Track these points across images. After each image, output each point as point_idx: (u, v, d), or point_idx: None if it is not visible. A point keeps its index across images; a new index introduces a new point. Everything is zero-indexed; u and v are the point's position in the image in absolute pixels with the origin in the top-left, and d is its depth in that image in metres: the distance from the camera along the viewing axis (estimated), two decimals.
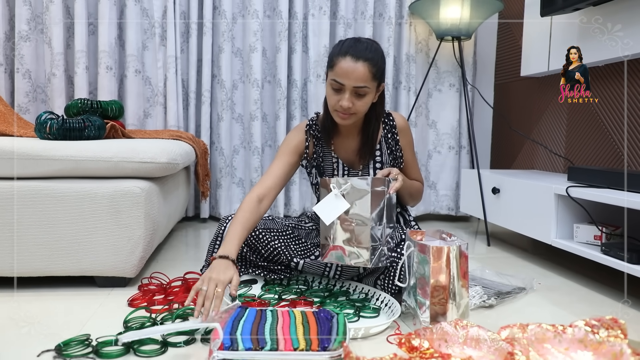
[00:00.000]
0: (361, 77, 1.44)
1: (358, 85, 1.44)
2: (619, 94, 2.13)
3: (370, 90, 1.47)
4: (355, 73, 1.43)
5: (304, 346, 1.07)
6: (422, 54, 3.02)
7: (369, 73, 1.44)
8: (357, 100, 1.47)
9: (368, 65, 1.44)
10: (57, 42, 2.53)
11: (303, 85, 2.90)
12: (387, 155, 1.66)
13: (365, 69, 1.43)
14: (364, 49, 1.45)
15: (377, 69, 1.47)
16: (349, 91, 1.45)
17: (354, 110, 1.48)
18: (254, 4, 2.74)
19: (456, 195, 3.07)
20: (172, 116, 2.69)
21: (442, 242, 1.35)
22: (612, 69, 2.16)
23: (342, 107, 1.47)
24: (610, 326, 1.03)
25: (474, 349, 1.06)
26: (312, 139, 1.65)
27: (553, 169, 2.61)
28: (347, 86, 1.45)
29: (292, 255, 1.61)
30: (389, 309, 1.41)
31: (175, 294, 1.53)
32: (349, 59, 1.43)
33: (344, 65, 1.44)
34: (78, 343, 1.14)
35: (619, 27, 1.91)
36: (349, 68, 1.43)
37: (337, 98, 1.48)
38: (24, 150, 1.50)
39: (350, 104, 1.46)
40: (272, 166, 1.61)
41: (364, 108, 1.51)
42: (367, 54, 1.45)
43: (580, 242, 1.79)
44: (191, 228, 2.70)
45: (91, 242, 1.54)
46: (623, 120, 2.11)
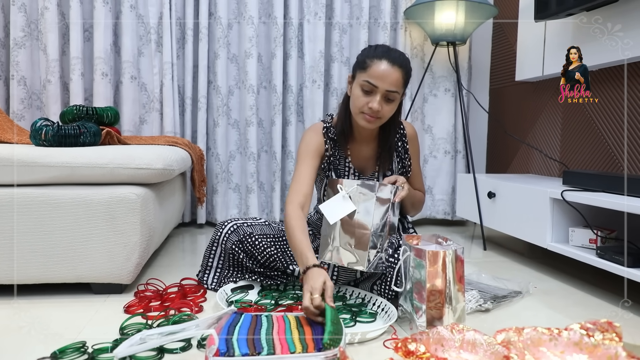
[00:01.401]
0: (395, 81, 1.45)
1: (391, 89, 1.46)
2: (612, 97, 2.14)
3: (398, 96, 1.50)
4: (390, 77, 1.45)
5: (301, 349, 1.07)
6: (417, 59, 3.03)
7: (402, 79, 1.47)
8: (386, 104, 1.49)
9: (402, 71, 1.47)
10: (52, 48, 2.53)
11: (299, 90, 2.91)
12: (397, 163, 1.67)
13: (399, 75, 1.46)
14: (398, 55, 1.48)
15: (408, 77, 1.51)
16: (380, 94, 1.46)
17: (381, 114, 1.49)
18: (250, 10, 2.75)
19: (452, 199, 3.08)
20: (168, 122, 2.69)
21: (438, 246, 1.35)
22: (606, 73, 2.17)
23: (371, 110, 1.47)
24: (606, 329, 1.04)
25: (470, 352, 1.06)
26: (330, 142, 1.64)
27: (548, 173, 2.62)
28: (380, 89, 1.46)
29: (288, 262, 1.62)
30: (386, 314, 1.41)
31: (171, 300, 1.53)
32: (386, 62, 1.45)
33: (381, 67, 1.45)
34: (74, 350, 1.14)
35: (618, 27, 1.92)
36: (385, 71, 1.44)
37: (367, 100, 1.48)
38: (20, 157, 1.49)
39: (380, 107, 1.47)
40: (301, 172, 1.57)
41: (390, 114, 1.52)
42: (402, 61, 1.48)
43: (576, 245, 1.80)
44: (188, 234, 2.69)
45: (87, 248, 1.54)
46: (617, 124, 2.12)
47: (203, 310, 1.48)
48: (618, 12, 1.94)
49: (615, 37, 1.95)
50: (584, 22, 2.06)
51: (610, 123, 2.16)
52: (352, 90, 1.52)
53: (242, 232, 1.65)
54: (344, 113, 1.61)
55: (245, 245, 1.63)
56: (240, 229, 1.67)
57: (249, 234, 1.64)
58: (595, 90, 2.23)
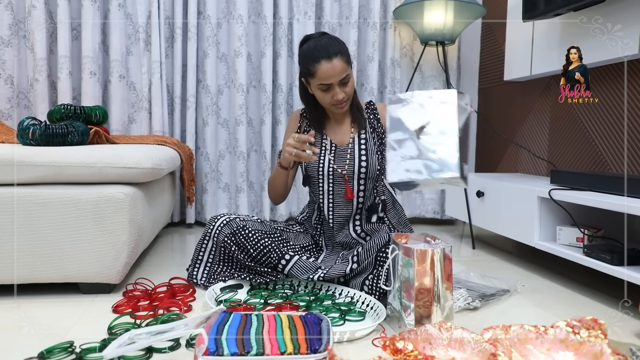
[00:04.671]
0: (340, 70, 1.60)
1: (341, 77, 1.60)
2: (600, 97, 2.16)
3: (350, 73, 1.64)
4: (335, 70, 1.59)
5: (292, 349, 1.07)
6: (406, 58, 3.04)
7: (344, 62, 1.61)
8: (345, 87, 1.64)
9: (340, 57, 1.60)
10: (39, 47, 2.51)
11: (288, 90, 2.90)
12: (370, 133, 1.77)
13: (340, 62, 1.59)
14: (328, 44, 1.60)
15: (347, 55, 1.63)
16: (337, 85, 1.62)
17: (347, 97, 1.65)
18: (239, 9, 2.75)
19: (441, 199, 3.09)
20: (157, 121, 2.68)
21: (427, 245, 1.36)
22: (593, 73, 2.19)
23: (338, 100, 1.64)
24: (591, 326, 1.05)
25: (457, 350, 1.07)
26: (305, 120, 1.82)
27: (536, 172, 2.64)
28: (334, 83, 1.61)
29: (281, 253, 1.63)
30: (375, 312, 1.41)
31: (160, 300, 1.52)
32: (324, 62, 1.58)
33: (323, 68, 1.58)
34: (61, 350, 1.13)
35: (619, 27, 1.93)
36: (328, 69, 1.58)
37: (330, 95, 1.64)
38: (6, 157, 1.48)
39: (343, 94, 1.63)
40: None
41: (352, 89, 1.69)
42: (334, 49, 1.59)
43: (563, 244, 1.82)
44: (177, 233, 2.69)
45: (75, 248, 1.53)
46: (604, 123, 2.14)
47: (192, 310, 1.48)
48: (606, 12, 1.96)
49: (606, 34, 1.97)
50: (584, 22, 2.07)
51: (597, 122, 2.18)
52: (314, 92, 1.68)
53: (235, 225, 1.66)
54: (312, 105, 1.76)
55: (238, 238, 1.64)
56: (233, 222, 1.68)
57: (242, 227, 1.65)
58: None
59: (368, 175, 1.72)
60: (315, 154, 1.72)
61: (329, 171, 1.74)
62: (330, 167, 1.74)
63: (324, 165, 1.74)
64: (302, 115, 1.82)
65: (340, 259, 1.67)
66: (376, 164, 1.74)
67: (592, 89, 2.19)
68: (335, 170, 1.74)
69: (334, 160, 1.74)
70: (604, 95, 2.14)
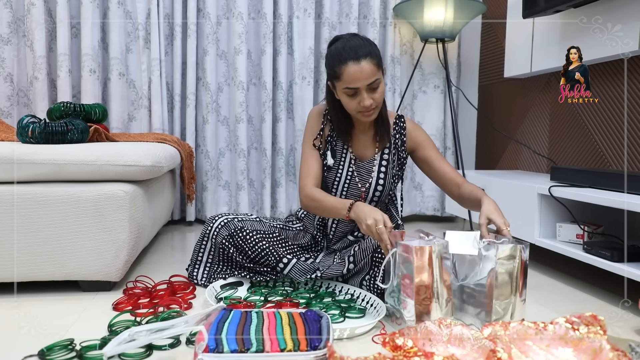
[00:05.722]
0: (369, 73, 1.46)
1: (370, 81, 1.47)
2: (599, 95, 2.16)
3: (380, 79, 1.51)
4: (363, 73, 1.46)
5: (292, 347, 1.07)
6: (406, 55, 3.04)
7: (374, 66, 1.47)
8: (374, 93, 1.51)
9: (370, 59, 1.47)
10: (39, 45, 2.51)
11: (288, 87, 2.90)
12: (394, 155, 1.69)
13: (369, 64, 1.46)
14: (358, 46, 1.48)
15: (378, 58, 1.50)
16: (364, 90, 1.48)
17: (375, 104, 1.52)
18: (239, 6, 2.74)
19: (442, 195, 3.09)
20: (157, 119, 2.68)
21: (422, 241, 1.36)
22: (592, 70, 2.19)
23: (365, 107, 1.50)
24: (590, 323, 1.05)
25: (457, 347, 1.07)
26: (329, 124, 1.69)
27: (536, 169, 2.64)
28: (362, 87, 1.48)
29: (279, 257, 1.61)
30: (375, 310, 1.41)
31: (160, 297, 1.52)
32: (352, 64, 1.46)
33: (350, 70, 1.46)
34: (61, 348, 1.13)
35: (619, 27, 1.92)
36: (356, 72, 1.46)
37: (357, 100, 1.51)
38: (6, 155, 1.48)
39: (371, 101, 1.50)
40: (308, 156, 1.65)
41: (382, 96, 1.55)
42: (364, 50, 1.47)
43: (563, 240, 1.82)
44: (177, 231, 2.69)
45: (75, 246, 1.53)
46: (604, 120, 2.14)
47: (192, 307, 1.48)
48: (605, 11, 1.96)
49: (606, 34, 1.96)
50: (584, 22, 2.07)
51: (597, 119, 2.18)
52: (340, 97, 1.55)
53: (233, 226, 1.66)
54: (339, 111, 1.63)
55: (236, 240, 1.63)
56: (231, 223, 1.67)
57: (239, 229, 1.64)
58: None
59: (380, 198, 1.69)
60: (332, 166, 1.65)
61: (344, 186, 1.67)
62: (346, 183, 1.67)
63: (341, 178, 1.67)
64: (325, 116, 1.69)
65: (338, 258, 1.67)
66: (389, 189, 1.69)
67: (592, 86, 2.19)
68: (350, 187, 1.68)
69: (351, 177, 1.68)
70: (604, 92, 2.14)
